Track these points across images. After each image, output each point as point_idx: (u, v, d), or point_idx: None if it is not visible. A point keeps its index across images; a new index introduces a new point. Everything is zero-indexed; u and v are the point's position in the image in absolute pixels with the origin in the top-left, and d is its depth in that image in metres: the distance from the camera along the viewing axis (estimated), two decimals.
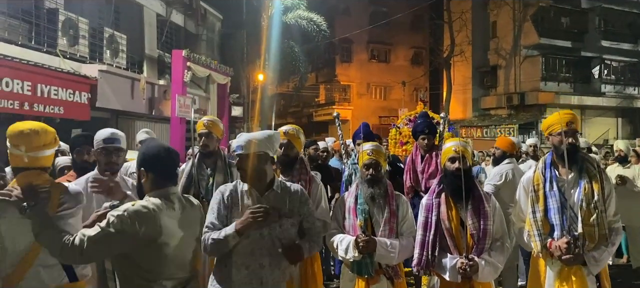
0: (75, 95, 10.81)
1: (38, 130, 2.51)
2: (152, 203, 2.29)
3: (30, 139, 2.47)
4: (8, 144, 2.49)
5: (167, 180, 2.41)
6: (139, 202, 2.31)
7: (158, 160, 2.39)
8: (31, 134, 2.48)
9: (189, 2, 15.91)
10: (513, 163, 5.19)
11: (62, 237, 2.20)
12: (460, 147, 3.13)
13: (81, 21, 11.37)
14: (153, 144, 2.53)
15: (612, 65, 28.41)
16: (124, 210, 2.23)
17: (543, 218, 3.09)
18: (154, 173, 2.38)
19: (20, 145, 2.46)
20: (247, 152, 2.74)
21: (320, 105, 36.47)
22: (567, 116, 3.11)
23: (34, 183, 2.43)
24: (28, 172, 2.49)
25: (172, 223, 2.32)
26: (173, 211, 2.35)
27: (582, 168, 3.09)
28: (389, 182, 3.42)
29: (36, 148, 2.49)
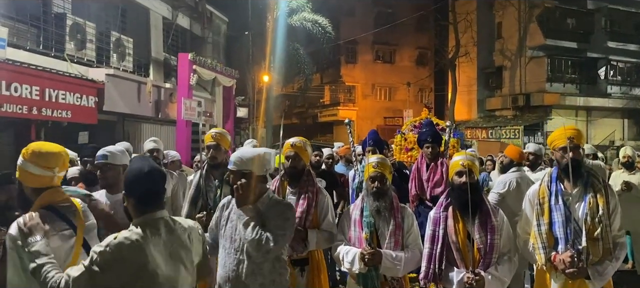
0: (83, 99, 10.90)
1: (63, 151, 2.62)
2: (136, 233, 2.16)
3: (63, 160, 2.57)
4: (31, 164, 2.49)
5: (149, 204, 2.26)
6: (122, 233, 2.17)
7: (138, 184, 2.24)
8: (63, 154, 2.58)
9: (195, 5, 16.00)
10: (520, 171, 5.20)
11: (50, 278, 2.15)
12: (468, 161, 3.16)
13: (88, 25, 11.46)
14: (134, 166, 2.35)
15: (618, 66, 28.25)
16: (106, 245, 2.10)
17: (548, 232, 3.12)
18: (134, 198, 2.25)
19: (54, 167, 2.52)
20: (235, 168, 2.89)
21: (325, 106, 36.51)
22: (570, 131, 3.13)
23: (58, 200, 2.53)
24: (51, 190, 2.54)
25: (158, 250, 2.19)
26: (159, 238, 2.21)
27: (588, 182, 3.11)
28: (394, 195, 3.46)
29: (64, 168, 2.62)
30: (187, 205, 3.83)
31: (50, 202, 2.49)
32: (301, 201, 3.56)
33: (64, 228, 2.48)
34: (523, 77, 27.38)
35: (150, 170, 2.26)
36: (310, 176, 3.70)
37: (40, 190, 2.51)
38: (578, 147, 3.08)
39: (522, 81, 27.40)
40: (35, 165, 2.48)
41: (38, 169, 2.48)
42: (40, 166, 2.48)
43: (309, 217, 3.53)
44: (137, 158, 2.40)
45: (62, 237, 2.45)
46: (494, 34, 29.27)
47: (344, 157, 7.53)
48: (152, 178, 2.25)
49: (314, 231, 3.52)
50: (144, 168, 2.26)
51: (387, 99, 37.04)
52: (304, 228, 3.49)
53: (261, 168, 2.90)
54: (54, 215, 2.46)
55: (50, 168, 2.50)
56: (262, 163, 2.90)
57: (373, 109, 36.06)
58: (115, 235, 2.18)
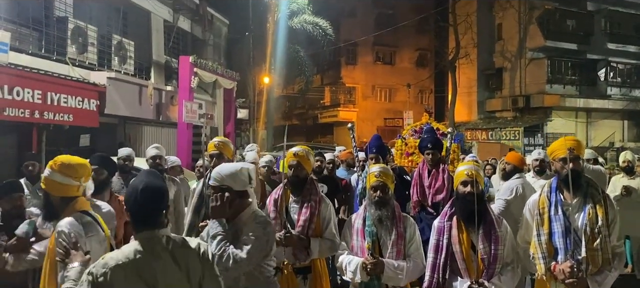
0: (84, 103, 10.93)
1: (87, 163, 2.84)
2: (134, 250, 2.12)
3: (87, 171, 2.77)
4: (60, 175, 2.68)
5: (145, 223, 2.19)
6: (119, 250, 2.16)
7: (134, 202, 2.20)
8: (86, 166, 2.79)
9: (196, 8, 16.04)
10: (522, 178, 5.25)
11: None
12: (473, 171, 3.19)
13: (90, 29, 11.50)
14: (133, 183, 2.28)
15: (618, 67, 28.29)
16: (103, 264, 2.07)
17: (547, 242, 3.15)
18: (131, 215, 2.22)
19: (80, 177, 2.71)
20: (216, 184, 2.90)
21: (326, 107, 36.55)
22: (570, 142, 3.17)
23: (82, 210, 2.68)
24: (82, 199, 2.75)
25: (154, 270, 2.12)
26: (155, 256, 2.15)
27: (587, 193, 3.15)
28: (396, 204, 3.49)
29: (88, 179, 2.81)
30: (191, 214, 3.87)
31: (84, 209, 2.70)
32: (304, 209, 3.60)
33: (100, 231, 2.69)
34: (523, 78, 27.43)
35: (147, 188, 2.20)
36: (313, 184, 3.74)
37: (67, 199, 2.69)
38: (578, 158, 3.12)
39: (522, 83, 27.45)
40: (63, 176, 2.67)
41: (66, 179, 2.68)
42: (68, 176, 2.68)
43: (311, 225, 3.57)
44: (141, 173, 2.37)
45: (98, 240, 2.66)
46: (494, 35, 29.33)
47: (345, 162, 7.55)
48: (148, 196, 2.19)
49: (317, 239, 3.56)
50: (139, 185, 2.21)
51: (387, 100, 37.09)
52: (306, 237, 3.53)
53: (240, 184, 2.87)
54: (91, 219, 2.68)
55: (77, 179, 2.70)
56: (242, 179, 2.89)
57: (373, 110, 36.11)
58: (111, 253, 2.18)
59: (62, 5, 11.15)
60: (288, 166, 3.68)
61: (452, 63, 27.55)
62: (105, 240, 2.70)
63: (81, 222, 2.60)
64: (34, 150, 10.30)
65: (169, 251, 2.17)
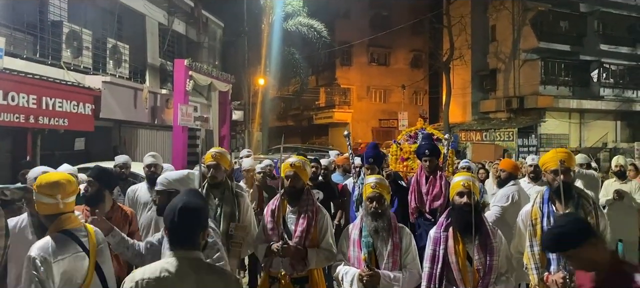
0: (79, 107, 10.93)
1: (69, 179, 2.80)
2: (162, 268, 2.14)
3: (64, 188, 2.73)
4: (39, 194, 2.70)
5: (179, 243, 2.21)
6: (152, 265, 2.21)
7: (171, 221, 2.21)
8: (65, 183, 2.75)
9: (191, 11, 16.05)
10: (518, 185, 5.31)
11: None
12: (469, 181, 3.24)
13: (85, 33, 11.50)
14: (174, 201, 2.29)
15: (610, 68, 28.46)
16: (131, 278, 2.12)
17: (540, 252, 3.21)
18: (168, 233, 2.24)
19: (56, 194, 2.68)
20: (162, 188, 3.10)
21: (321, 108, 36.59)
22: (561, 154, 3.23)
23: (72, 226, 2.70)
24: (64, 216, 2.72)
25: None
26: (179, 278, 2.15)
27: (578, 204, 3.21)
28: (392, 214, 3.54)
29: (69, 195, 2.75)
30: None
31: (63, 228, 2.68)
32: (301, 220, 3.64)
33: (77, 251, 2.67)
34: (517, 79, 27.57)
35: (183, 207, 2.21)
36: (309, 195, 3.77)
37: (51, 216, 2.71)
38: (569, 170, 3.18)
39: (516, 84, 27.58)
40: (43, 195, 2.69)
41: (45, 198, 2.69)
42: (47, 195, 2.69)
43: (308, 235, 3.61)
44: (182, 192, 2.39)
45: (77, 258, 2.65)
46: (488, 36, 29.43)
47: (341, 167, 7.59)
48: (183, 216, 2.19)
49: (314, 250, 3.60)
50: (178, 204, 2.22)
51: (382, 101, 37.19)
52: (303, 247, 3.57)
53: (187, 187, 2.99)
54: (68, 238, 2.66)
55: (54, 196, 2.69)
56: (188, 184, 3.07)
57: (368, 111, 36.20)
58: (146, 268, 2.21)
59: (57, 9, 11.14)
60: (285, 177, 3.71)
61: (446, 64, 27.64)
62: (84, 257, 2.67)
63: (53, 244, 2.58)
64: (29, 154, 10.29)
65: (196, 275, 2.15)
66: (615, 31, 28.30)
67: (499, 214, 5.01)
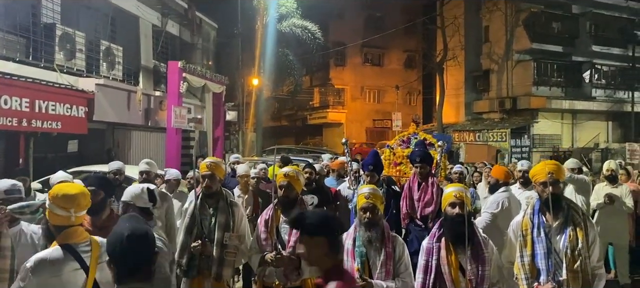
0: (73, 110, 10.90)
1: (84, 192, 2.82)
2: None
3: (79, 202, 2.74)
4: (53, 205, 2.70)
5: (131, 275, 2.02)
6: None
7: (119, 251, 2.02)
8: (81, 197, 2.75)
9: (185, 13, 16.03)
10: (508, 191, 5.35)
11: None
12: (461, 192, 3.29)
13: (78, 35, 11.47)
14: (115, 230, 2.10)
15: (602, 69, 28.68)
16: None
17: (530, 263, 3.26)
18: (115, 266, 2.03)
19: (70, 208, 2.69)
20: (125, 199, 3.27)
21: (315, 109, 36.61)
22: (550, 166, 3.27)
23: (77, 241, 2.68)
24: (70, 230, 2.71)
25: None
26: None
27: (568, 215, 3.26)
28: (386, 224, 3.57)
29: (82, 209, 2.77)
30: (183, 234, 3.92)
31: (68, 242, 2.67)
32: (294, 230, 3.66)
33: (76, 268, 2.65)
34: (510, 80, 27.71)
35: (133, 235, 2.01)
36: (303, 204, 3.81)
37: (60, 227, 2.71)
38: (557, 182, 3.22)
39: (509, 84, 27.72)
40: (57, 207, 2.70)
41: (60, 210, 2.70)
42: (57, 205, 2.70)
43: None
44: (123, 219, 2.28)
45: (75, 274, 2.63)
46: (481, 37, 29.55)
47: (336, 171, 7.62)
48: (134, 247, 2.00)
49: None
50: (127, 233, 2.02)
51: (376, 101, 37.27)
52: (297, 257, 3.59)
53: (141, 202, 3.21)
54: (69, 254, 2.65)
55: (66, 209, 2.70)
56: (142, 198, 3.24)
57: (362, 111, 36.27)
58: None
59: (50, 11, 11.09)
60: (278, 186, 3.74)
61: (440, 65, 27.74)
62: (82, 274, 2.66)
63: (52, 259, 2.59)
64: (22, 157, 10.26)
65: None
66: (607, 32, 28.51)
67: (489, 220, 5.07)
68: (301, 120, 37.65)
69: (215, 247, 3.80)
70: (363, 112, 36.26)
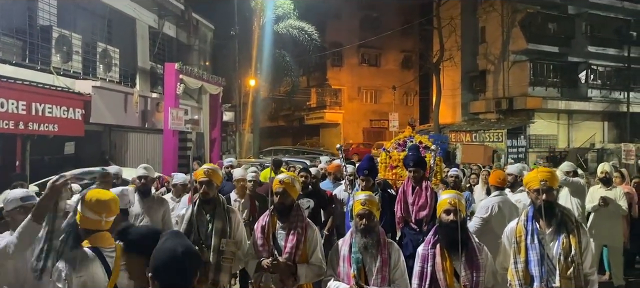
0: (69, 112, 10.91)
1: (115, 200, 2.90)
2: None
3: (111, 209, 2.83)
4: (85, 209, 2.78)
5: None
6: None
7: (169, 268, 1.96)
8: (112, 204, 2.85)
9: (181, 14, 16.03)
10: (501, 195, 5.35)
11: None
12: (456, 199, 3.32)
13: (74, 37, 11.46)
14: (166, 246, 2.04)
15: (598, 70, 28.82)
16: None
17: (524, 269, 3.30)
18: (161, 282, 1.97)
19: (102, 213, 2.78)
20: None
21: (312, 109, 36.65)
22: (543, 174, 3.31)
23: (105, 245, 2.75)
24: (99, 234, 2.81)
25: None
26: None
27: (561, 222, 3.30)
28: (381, 230, 3.60)
29: (113, 214, 2.86)
30: None
31: (96, 245, 2.77)
32: (291, 236, 3.69)
33: (101, 270, 2.74)
34: (506, 80, 27.80)
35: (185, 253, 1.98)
36: (299, 210, 3.83)
37: (90, 231, 2.81)
38: (551, 189, 3.26)
39: (505, 85, 27.82)
40: (91, 211, 2.78)
41: (92, 215, 2.79)
42: (91, 210, 2.79)
43: (298, 251, 3.66)
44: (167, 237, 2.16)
45: (98, 277, 2.71)
46: (478, 38, 29.65)
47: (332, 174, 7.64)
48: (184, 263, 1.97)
49: (304, 265, 3.65)
50: (177, 250, 1.97)
51: (373, 101, 37.32)
52: (293, 263, 3.63)
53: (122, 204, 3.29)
54: (96, 256, 2.74)
55: (98, 213, 2.79)
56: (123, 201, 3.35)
57: (359, 111, 36.31)
58: None
59: (46, 14, 11.09)
60: (274, 193, 3.76)
61: (436, 65, 27.82)
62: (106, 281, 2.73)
63: (80, 260, 2.68)
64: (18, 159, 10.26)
65: None
66: (602, 33, 28.63)
67: (479, 225, 5.11)
68: (298, 120, 37.68)
69: (212, 253, 3.82)
70: (360, 113, 36.31)
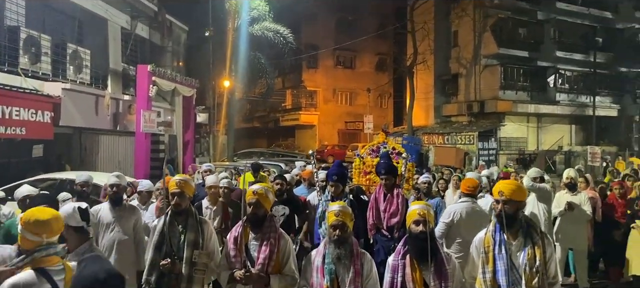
0: (38, 115, 10.66)
1: (57, 217, 2.80)
2: None
3: (51, 228, 2.72)
4: (25, 231, 2.69)
5: None
6: None
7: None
8: (51, 221, 2.74)
9: (155, 15, 15.82)
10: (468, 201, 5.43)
11: None
12: (424, 210, 3.40)
13: (43, 38, 11.21)
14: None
15: (566, 74, 29.67)
16: None
17: (492, 279, 3.40)
18: None
19: (41, 233, 2.68)
20: None
21: (287, 111, 36.62)
22: (502, 185, 3.47)
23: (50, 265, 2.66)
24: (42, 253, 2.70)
25: None
26: None
27: (527, 234, 3.41)
28: (355, 241, 3.65)
29: (55, 233, 2.75)
30: (152, 251, 3.89)
31: (41, 265, 2.66)
32: (263, 247, 3.70)
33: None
34: (478, 84, 28.33)
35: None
36: (272, 221, 3.84)
37: (30, 251, 2.70)
38: (511, 201, 3.37)
39: (477, 88, 28.34)
40: (29, 232, 2.69)
41: (31, 235, 2.70)
42: (28, 231, 2.70)
43: (271, 262, 3.67)
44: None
45: None
46: (451, 42, 30.14)
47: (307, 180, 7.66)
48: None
49: (276, 276, 3.67)
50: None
51: (348, 103, 37.51)
52: (266, 274, 3.64)
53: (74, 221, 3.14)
54: (43, 277, 2.64)
55: (38, 235, 2.70)
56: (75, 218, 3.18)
57: (335, 113, 36.45)
58: None
59: (14, 14, 10.83)
60: (247, 204, 3.76)
61: (410, 69, 28.13)
62: None
63: (26, 283, 2.59)
64: None
65: None
66: (570, 38, 29.51)
67: (443, 229, 5.22)
68: (273, 122, 37.59)
69: (184, 265, 3.80)
70: (335, 114, 36.45)
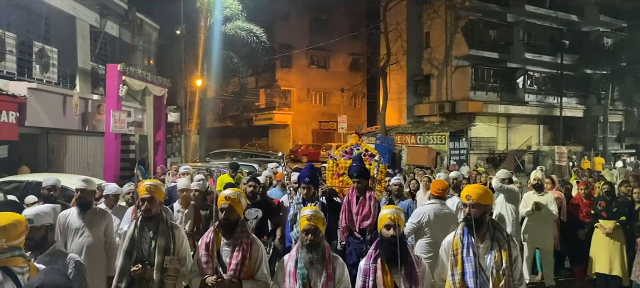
0: (2, 115, 10.36)
1: (17, 222, 2.77)
2: None
3: (9, 233, 2.70)
4: None
5: None
6: None
7: None
8: (10, 227, 2.71)
9: (125, 13, 15.53)
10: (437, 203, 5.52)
11: None
12: (395, 215, 3.45)
13: (8, 36, 10.90)
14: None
15: (534, 76, 30.41)
16: None
17: (461, 281, 3.48)
18: None
19: (1, 237, 2.66)
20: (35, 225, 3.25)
21: (261, 110, 36.45)
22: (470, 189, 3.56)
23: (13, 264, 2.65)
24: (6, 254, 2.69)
25: None
26: None
27: (494, 237, 3.50)
28: (327, 245, 3.67)
29: (16, 238, 2.73)
30: (122, 257, 3.83)
31: (5, 265, 2.66)
32: (235, 253, 3.68)
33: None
34: (449, 85, 28.76)
35: None
36: (244, 227, 3.82)
37: None
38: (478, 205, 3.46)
39: (449, 89, 28.77)
40: None
41: None
42: None
43: (243, 268, 3.66)
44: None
45: None
46: (423, 43, 30.51)
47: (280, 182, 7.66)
48: None
49: (249, 282, 3.66)
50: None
51: (322, 103, 37.59)
52: (238, 280, 3.63)
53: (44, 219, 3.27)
54: (7, 275, 2.65)
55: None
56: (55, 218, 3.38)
57: (309, 113, 36.47)
58: None
59: None
60: (219, 209, 3.74)
61: (383, 69, 28.35)
62: None
63: None
64: None
65: None
66: (538, 41, 30.23)
67: (411, 229, 5.36)
68: (247, 121, 37.37)
69: (155, 271, 3.75)
70: (309, 114, 36.48)
